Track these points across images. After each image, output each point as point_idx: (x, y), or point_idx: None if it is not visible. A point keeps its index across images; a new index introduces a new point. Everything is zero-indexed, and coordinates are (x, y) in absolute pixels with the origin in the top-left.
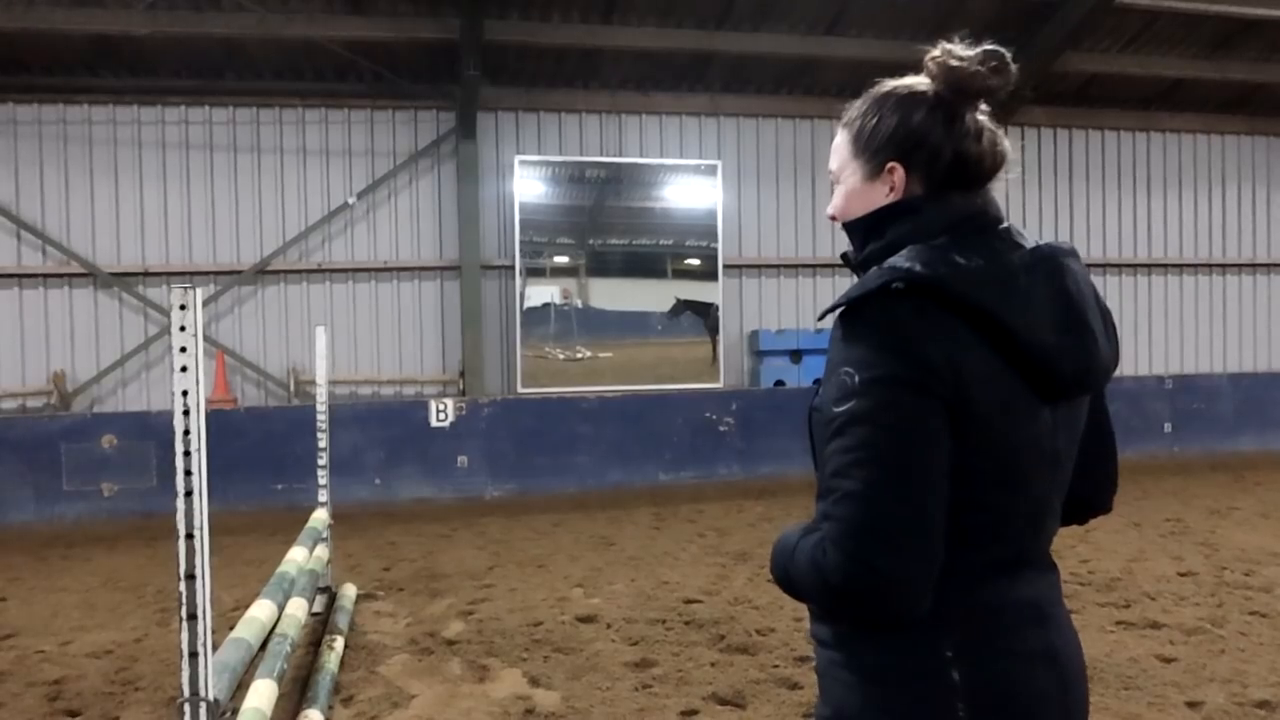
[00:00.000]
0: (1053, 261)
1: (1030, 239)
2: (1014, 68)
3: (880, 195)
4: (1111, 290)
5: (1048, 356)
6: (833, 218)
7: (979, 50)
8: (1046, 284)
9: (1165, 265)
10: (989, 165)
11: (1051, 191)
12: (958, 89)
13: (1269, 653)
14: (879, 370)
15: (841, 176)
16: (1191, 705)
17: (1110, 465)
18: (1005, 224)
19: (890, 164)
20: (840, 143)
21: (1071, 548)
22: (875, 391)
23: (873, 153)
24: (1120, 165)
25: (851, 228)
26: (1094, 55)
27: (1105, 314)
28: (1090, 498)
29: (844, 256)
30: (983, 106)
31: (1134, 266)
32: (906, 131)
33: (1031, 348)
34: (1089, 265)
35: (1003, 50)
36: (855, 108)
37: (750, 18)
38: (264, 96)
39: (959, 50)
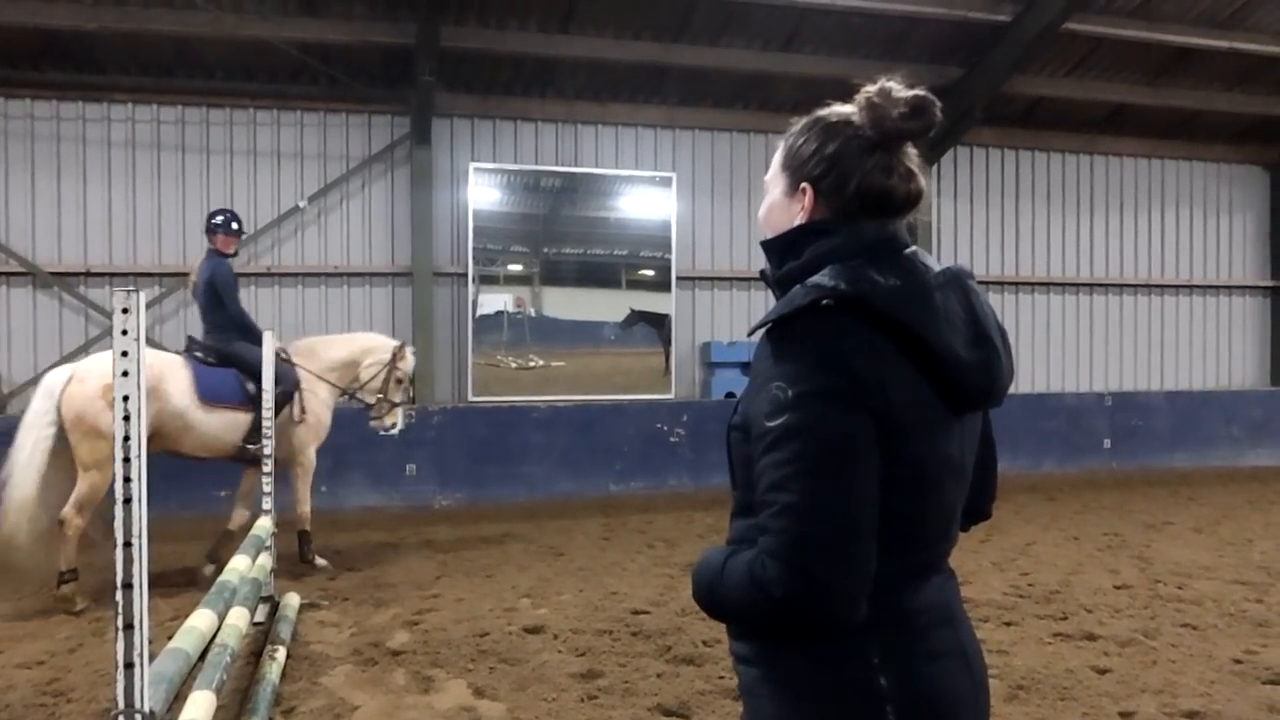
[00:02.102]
0: (961, 282)
1: (935, 262)
2: (938, 114)
3: (794, 213)
4: (1055, 308)
5: (960, 370)
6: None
7: (910, 94)
8: (958, 302)
9: (1106, 285)
10: (899, 201)
11: (998, 210)
12: (876, 127)
13: (1199, 664)
14: (811, 385)
15: (769, 187)
16: (1124, 715)
17: (993, 474)
18: (912, 249)
19: (803, 185)
20: (776, 155)
21: (1012, 560)
22: (808, 405)
23: (793, 171)
24: (1065, 186)
25: (769, 246)
26: (1040, 79)
27: (1002, 332)
28: (976, 506)
29: (762, 273)
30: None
31: (1076, 285)
32: (820, 157)
33: (946, 362)
34: (1032, 284)
35: (930, 98)
36: (795, 125)
37: (708, 31)
38: (214, 96)
39: (893, 89)
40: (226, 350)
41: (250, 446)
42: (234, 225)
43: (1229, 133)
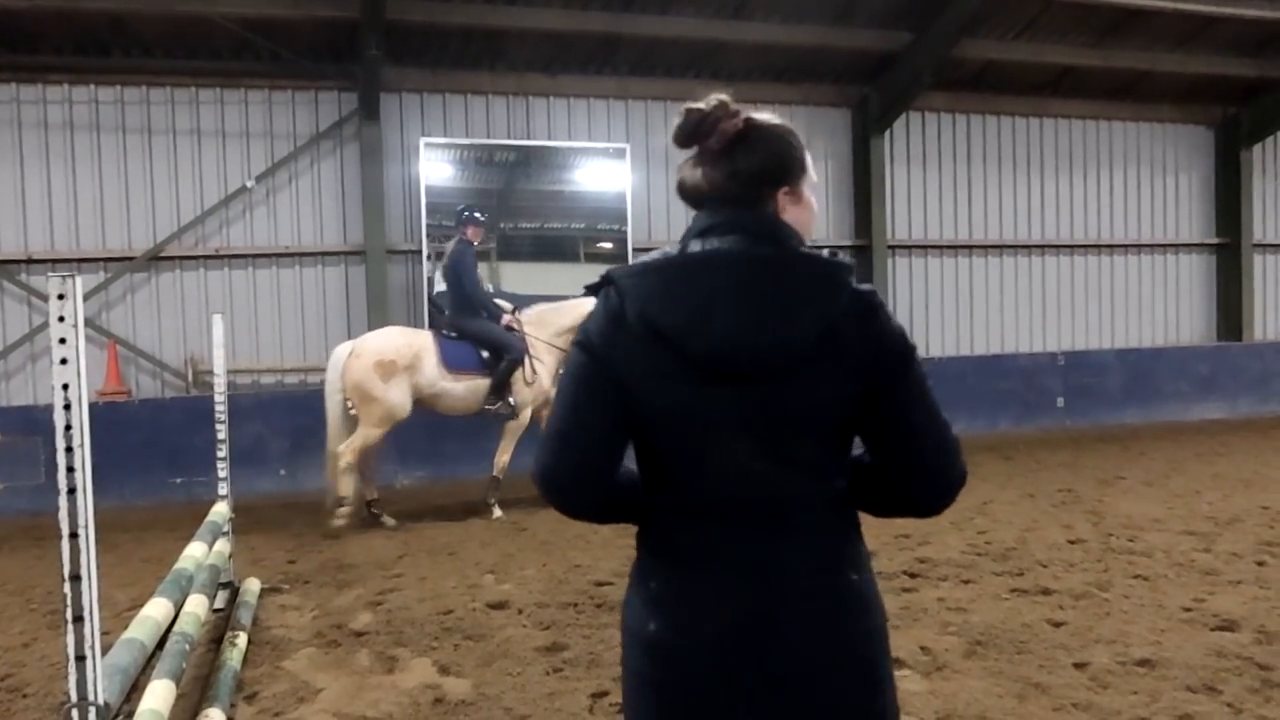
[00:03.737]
0: (722, 258)
1: (733, 243)
2: (681, 127)
3: None
4: (1007, 271)
5: (675, 336)
6: None
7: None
8: (704, 278)
9: (1057, 246)
10: (684, 193)
11: (950, 174)
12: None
13: (1149, 614)
14: (579, 335)
15: None
16: (1079, 666)
17: (911, 459)
18: (702, 230)
19: None
20: None
21: (970, 519)
22: (573, 349)
23: None
24: (1015, 149)
25: None
26: (990, 42)
27: (785, 307)
28: (898, 493)
29: None
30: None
31: (1028, 248)
32: None
33: (664, 334)
34: (985, 246)
35: (685, 110)
36: None
37: (658, 1)
38: (154, 75)
39: (696, 105)
40: (465, 325)
41: (489, 407)
42: (480, 217)
43: (1175, 93)
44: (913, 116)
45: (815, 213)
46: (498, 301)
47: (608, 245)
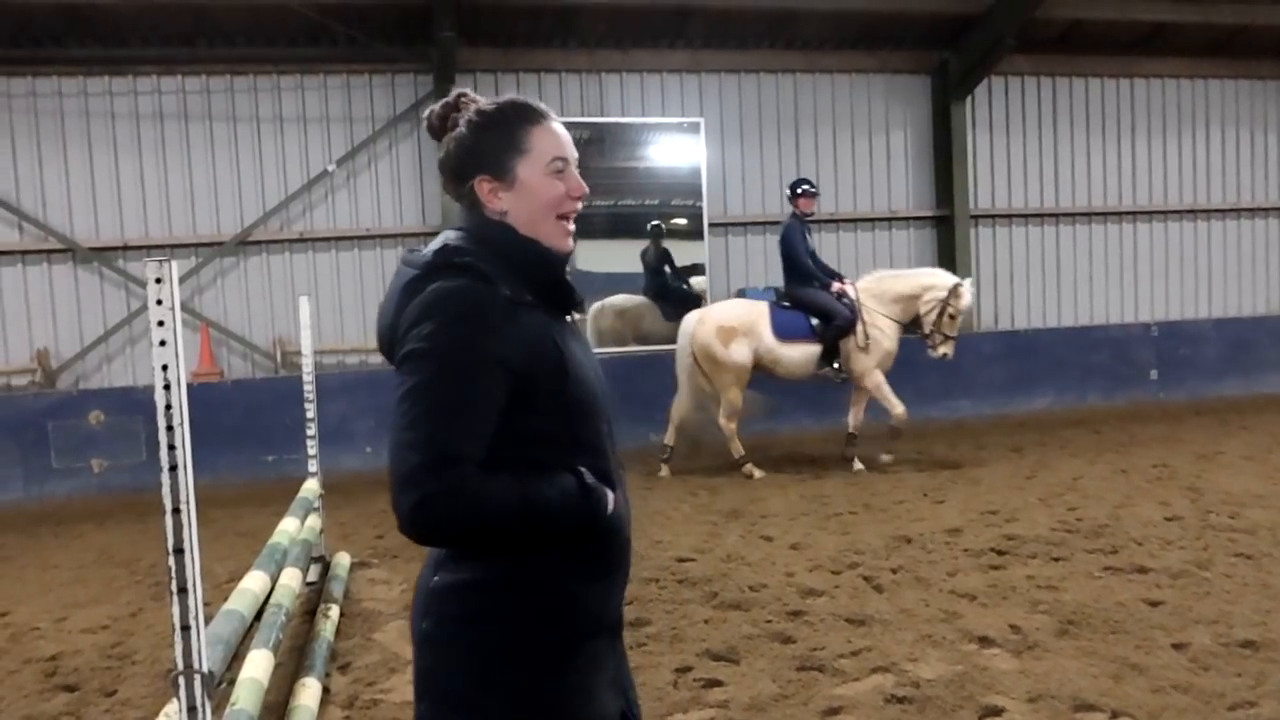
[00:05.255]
0: (400, 265)
1: (431, 247)
2: (426, 119)
3: None
4: (1096, 239)
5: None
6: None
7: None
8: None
9: (1150, 212)
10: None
11: (1035, 140)
12: None
13: (1253, 594)
14: None
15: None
16: (1178, 647)
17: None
18: (435, 241)
19: None
20: None
21: (1059, 495)
22: None
23: None
24: (1104, 112)
25: None
26: (1076, 1)
27: (395, 310)
28: None
29: None
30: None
31: (1119, 214)
32: None
33: None
34: (1073, 214)
35: (441, 104)
36: None
37: None
38: (237, 64)
39: (441, 100)
40: (796, 294)
41: (820, 372)
42: (810, 188)
43: (1274, 48)
44: (995, 81)
45: (555, 192)
46: (830, 270)
47: (682, 221)
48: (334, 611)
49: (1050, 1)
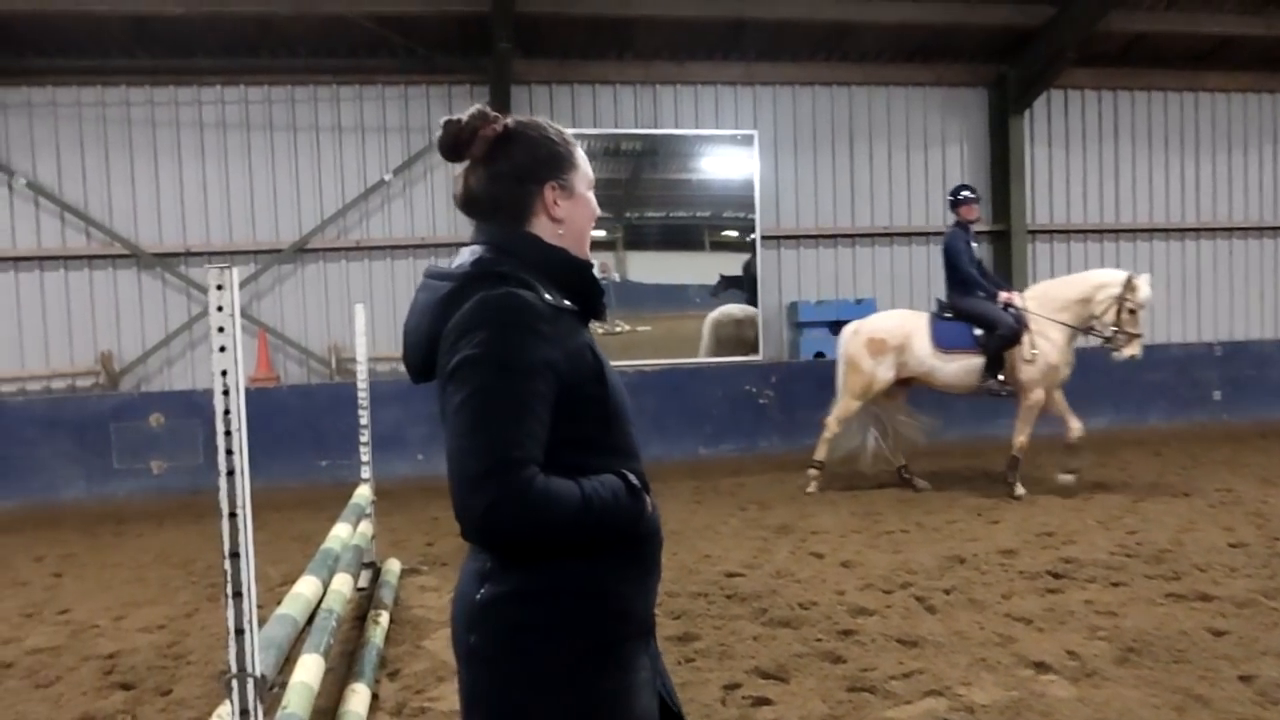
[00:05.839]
0: (425, 279)
1: (457, 260)
2: (440, 139)
3: None
4: (1159, 256)
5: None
6: None
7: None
8: (422, 295)
9: (1214, 229)
10: (462, 203)
11: (1097, 154)
12: None
13: None
14: None
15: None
16: (1244, 679)
17: (449, 467)
18: (466, 249)
19: None
20: None
21: (1118, 519)
22: None
23: None
24: (1167, 126)
25: None
26: (1139, 14)
27: (434, 322)
28: None
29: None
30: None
31: (1181, 231)
32: None
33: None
34: (1134, 230)
35: (458, 120)
36: None
37: None
38: (298, 74)
39: (454, 117)
40: (959, 304)
41: (983, 384)
42: (970, 195)
43: None
44: (1054, 94)
45: (594, 209)
46: (995, 280)
47: (734, 233)
48: (384, 618)
49: (1113, 15)
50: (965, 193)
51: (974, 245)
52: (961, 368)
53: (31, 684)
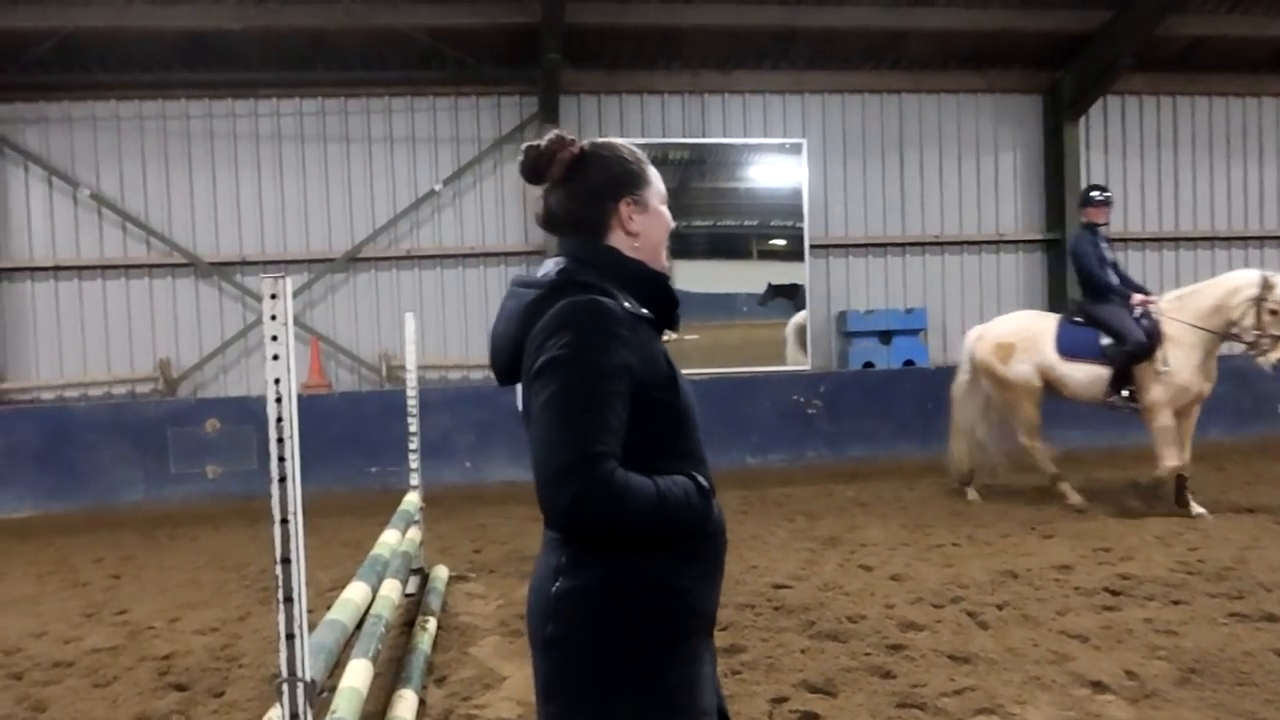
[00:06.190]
0: (513, 287)
1: (542, 270)
2: (522, 160)
3: None
4: (1220, 264)
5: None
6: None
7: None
8: (510, 302)
9: (1276, 237)
10: (544, 222)
11: (1155, 162)
12: None
13: None
14: None
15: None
16: None
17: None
18: (547, 263)
19: None
20: None
21: (1179, 535)
22: None
23: None
24: (1229, 132)
25: None
26: (1199, 18)
27: (520, 327)
28: None
29: None
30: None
31: (1243, 239)
32: None
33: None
34: (1194, 239)
35: (537, 145)
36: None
37: None
38: (351, 86)
39: (534, 142)
40: (1090, 310)
41: (1108, 399)
42: (1097, 196)
43: None
44: (1111, 101)
45: (668, 222)
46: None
47: (782, 242)
48: (431, 624)
49: (1171, 19)
50: (1094, 194)
51: (1105, 247)
52: (1086, 377)
53: (90, 683)
